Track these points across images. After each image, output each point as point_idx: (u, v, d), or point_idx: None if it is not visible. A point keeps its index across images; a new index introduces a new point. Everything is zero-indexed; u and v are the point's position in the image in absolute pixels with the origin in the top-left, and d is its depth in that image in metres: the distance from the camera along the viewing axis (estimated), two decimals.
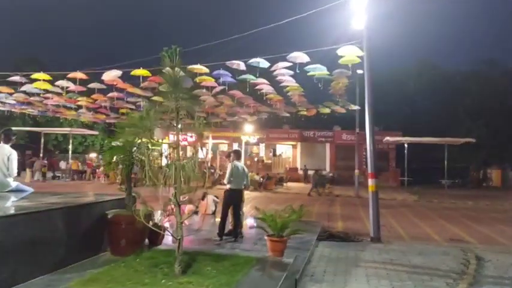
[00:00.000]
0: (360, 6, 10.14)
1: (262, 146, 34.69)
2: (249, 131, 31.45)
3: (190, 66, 12.22)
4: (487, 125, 34.81)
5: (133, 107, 18.45)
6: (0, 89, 16.23)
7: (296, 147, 35.06)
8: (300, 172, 32.77)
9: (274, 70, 12.46)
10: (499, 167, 36.28)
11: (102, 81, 14.45)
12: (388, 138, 27.33)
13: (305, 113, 22.19)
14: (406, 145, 26.83)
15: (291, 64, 12.06)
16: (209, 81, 13.92)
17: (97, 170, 27.60)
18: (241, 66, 12.25)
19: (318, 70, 12.55)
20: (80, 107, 19.24)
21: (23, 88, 15.60)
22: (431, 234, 11.46)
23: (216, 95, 16.10)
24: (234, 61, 11.95)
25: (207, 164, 27.64)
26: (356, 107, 22.90)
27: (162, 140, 7.13)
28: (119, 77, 13.71)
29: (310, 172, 30.54)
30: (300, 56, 11.45)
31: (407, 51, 66.15)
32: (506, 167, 36.21)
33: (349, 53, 10.95)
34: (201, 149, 6.89)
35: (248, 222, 10.32)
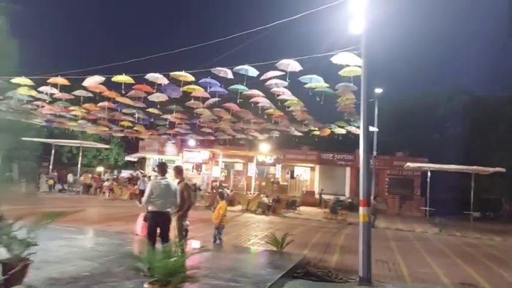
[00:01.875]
0: (358, 7, 8.81)
1: (278, 166, 33.25)
2: (264, 151, 30.18)
3: (173, 73, 11.17)
4: None
5: (132, 119, 17.62)
6: None
7: (314, 170, 33.42)
8: (317, 196, 31.03)
9: (265, 80, 11.20)
10: None
11: (84, 88, 13.58)
12: (409, 164, 25.38)
13: (317, 132, 20.79)
14: (429, 172, 24.79)
15: (282, 73, 10.77)
16: (199, 92, 12.78)
17: (103, 185, 26.89)
18: (229, 74, 11.06)
19: (315, 81, 11.22)
20: (75, 117, 18.56)
21: (9, 94, 15.00)
22: (439, 275, 9.74)
23: (212, 108, 15.00)
24: (219, 68, 10.77)
25: (217, 183, 26.60)
26: (374, 129, 21.36)
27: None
28: (102, 84, 12.78)
29: (327, 197, 28.87)
30: (291, 64, 10.15)
31: (435, 74, 63.71)
32: None
33: (347, 62, 9.59)
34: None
35: None
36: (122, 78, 12.10)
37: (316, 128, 19.72)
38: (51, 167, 28.88)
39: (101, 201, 23.30)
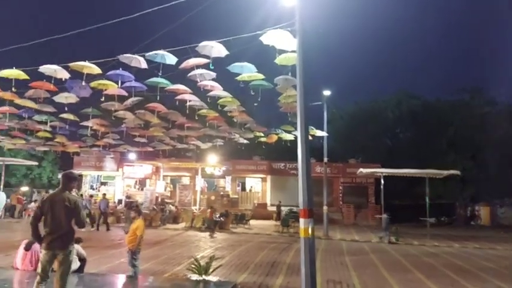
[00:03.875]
0: None
1: (228, 178, 31.27)
2: (211, 162, 28.17)
3: (73, 64, 9.06)
4: (474, 157, 32.10)
5: (49, 128, 15.16)
6: None
7: (266, 181, 31.68)
8: (270, 209, 29.28)
9: (186, 69, 9.30)
10: (487, 203, 33.18)
11: None
12: (362, 170, 24.23)
13: (264, 139, 19.10)
14: (382, 179, 23.75)
15: (207, 60, 8.93)
16: (112, 88, 10.65)
17: (28, 206, 23.83)
18: (142, 63, 9.09)
19: (247, 71, 9.46)
20: None
21: None
22: None
23: (134, 110, 12.88)
24: (129, 55, 8.77)
25: (159, 199, 24.23)
26: (322, 133, 19.95)
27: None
28: None
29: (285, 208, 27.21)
30: (215, 47, 8.32)
31: (382, 77, 64.41)
32: (496, 203, 33.12)
33: (280, 44, 7.92)
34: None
35: None
36: (12, 72, 9.79)
37: (262, 134, 17.99)
38: None
39: (22, 225, 20.34)
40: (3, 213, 25.09)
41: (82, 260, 8.37)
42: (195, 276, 7.29)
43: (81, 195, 24.58)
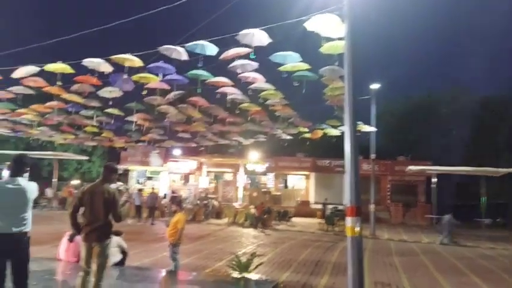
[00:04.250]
0: None
1: (271, 175, 30.93)
2: (254, 159, 27.95)
3: (115, 56, 9.01)
4: None
5: (94, 122, 15.43)
6: None
7: (309, 178, 31.08)
8: (313, 206, 28.69)
9: (227, 60, 9.00)
10: None
11: (17, 81, 11.29)
12: (411, 167, 23.16)
13: (308, 135, 18.58)
14: (434, 177, 22.55)
15: (248, 50, 8.59)
16: (153, 81, 10.54)
17: None
18: (183, 54, 8.87)
19: (291, 60, 9.04)
20: (32, 122, 16.31)
21: None
22: None
23: (177, 104, 12.77)
24: (170, 46, 8.58)
25: (204, 194, 24.35)
26: (371, 129, 19.17)
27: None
28: (36, 75, 10.54)
29: (321, 206, 26.65)
30: (256, 35, 7.97)
31: (435, 72, 61.56)
32: None
33: (326, 31, 7.47)
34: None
35: None
36: (58, 66, 9.89)
37: (306, 129, 17.47)
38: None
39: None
40: (55, 204, 26.21)
41: (123, 253, 8.35)
42: (235, 273, 7.02)
43: (127, 189, 25.00)
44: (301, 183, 31.41)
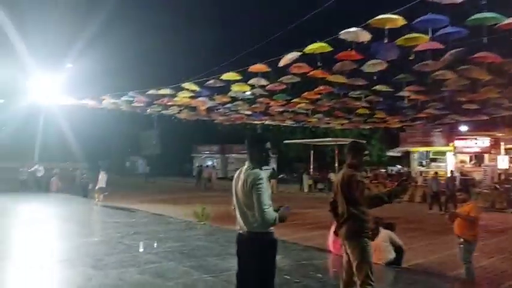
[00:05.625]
0: None
1: None
2: None
3: (373, 20, 7.57)
4: None
5: (364, 104, 14.49)
6: (217, 99, 15.38)
7: None
8: None
9: None
10: None
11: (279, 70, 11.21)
12: None
13: None
14: None
15: None
16: (423, 42, 8.41)
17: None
18: None
19: None
20: (307, 111, 16.71)
21: (231, 94, 14.35)
22: None
23: (457, 67, 10.18)
24: None
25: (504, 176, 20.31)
26: None
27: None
28: (298, 60, 10.12)
29: None
30: None
31: None
32: None
33: None
34: None
35: None
36: (316, 46, 9.13)
37: None
38: (311, 167, 28.90)
39: None
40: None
41: (398, 250, 7.04)
42: None
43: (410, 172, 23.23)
44: None
